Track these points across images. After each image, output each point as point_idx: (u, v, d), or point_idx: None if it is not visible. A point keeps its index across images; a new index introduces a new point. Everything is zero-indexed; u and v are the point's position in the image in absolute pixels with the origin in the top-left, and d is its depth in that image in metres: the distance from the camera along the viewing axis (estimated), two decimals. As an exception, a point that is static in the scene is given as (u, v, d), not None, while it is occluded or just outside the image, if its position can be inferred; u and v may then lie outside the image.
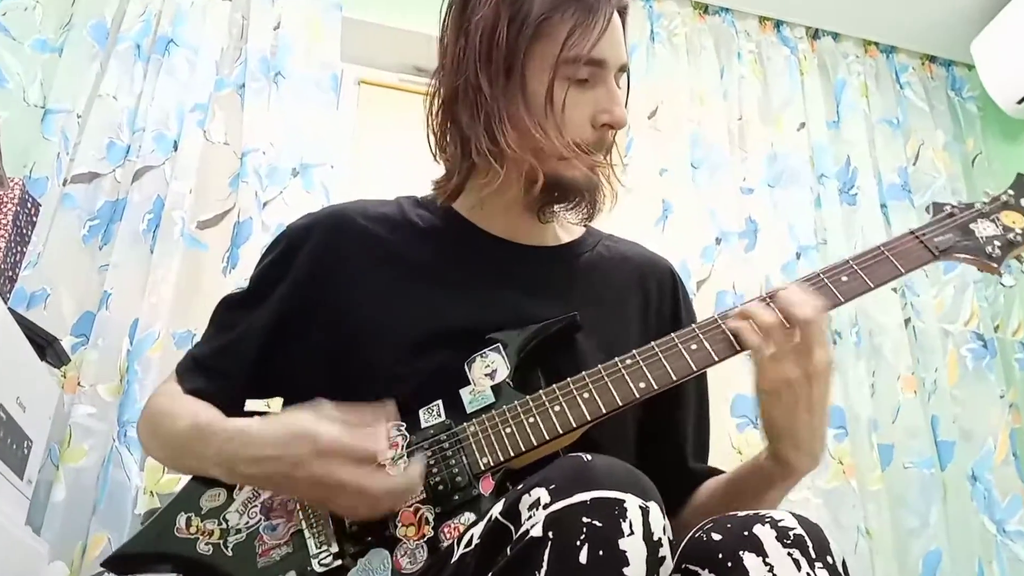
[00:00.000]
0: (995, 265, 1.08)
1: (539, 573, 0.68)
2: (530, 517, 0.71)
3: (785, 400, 0.97)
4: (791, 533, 0.78)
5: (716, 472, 1.19)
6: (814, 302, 0.98)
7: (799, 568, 0.75)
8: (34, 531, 1.58)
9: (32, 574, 1.43)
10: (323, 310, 1.13)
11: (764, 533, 0.78)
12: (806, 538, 0.78)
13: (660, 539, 0.72)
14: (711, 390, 1.27)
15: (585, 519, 0.69)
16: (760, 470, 1.05)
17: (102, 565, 1.02)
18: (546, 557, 0.68)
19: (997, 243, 1.09)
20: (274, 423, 0.97)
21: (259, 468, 0.94)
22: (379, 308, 1.11)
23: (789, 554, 0.76)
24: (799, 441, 1.00)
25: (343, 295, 1.13)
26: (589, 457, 0.76)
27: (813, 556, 0.76)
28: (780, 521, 0.79)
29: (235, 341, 1.15)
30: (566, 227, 1.27)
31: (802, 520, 0.80)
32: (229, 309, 1.21)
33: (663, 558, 0.72)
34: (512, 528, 0.73)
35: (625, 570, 0.68)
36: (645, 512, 0.71)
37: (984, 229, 1.11)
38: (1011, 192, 1.15)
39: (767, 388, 0.98)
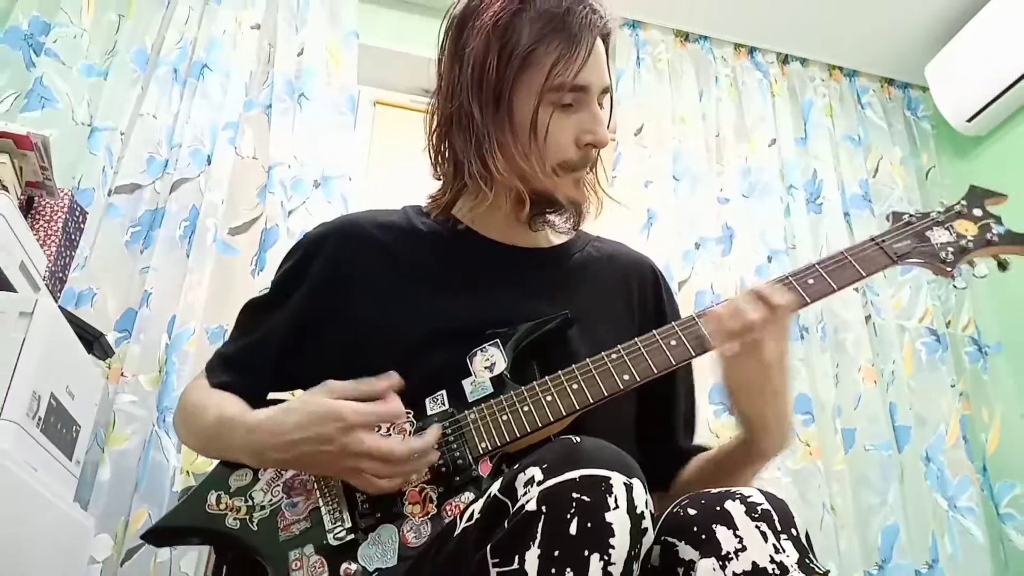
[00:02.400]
0: (949, 269, 1.08)
1: (534, 543, 0.68)
2: (525, 493, 0.71)
3: (749, 392, 0.99)
4: (759, 508, 0.77)
5: (703, 449, 1.19)
6: (773, 301, 0.98)
7: (766, 540, 0.75)
8: (82, 507, 1.59)
9: (80, 546, 1.43)
10: (337, 311, 1.12)
11: (734, 508, 0.78)
12: (772, 513, 0.77)
13: (643, 512, 0.72)
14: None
15: (575, 494, 0.69)
16: (735, 452, 1.06)
17: (141, 538, 1.03)
18: (540, 529, 0.68)
19: (951, 249, 1.09)
20: (294, 410, 0.96)
21: (288, 453, 0.94)
22: (388, 309, 1.11)
23: (757, 527, 0.76)
24: (767, 426, 1.00)
25: (355, 297, 1.13)
26: (578, 439, 0.76)
27: (779, 529, 0.76)
28: (749, 497, 0.79)
29: (258, 340, 1.15)
30: (556, 231, 1.26)
31: (769, 496, 0.80)
32: (252, 312, 1.21)
33: (645, 529, 0.72)
34: (509, 504, 0.73)
35: (611, 540, 0.68)
36: (629, 488, 0.71)
37: (939, 236, 1.10)
38: (964, 202, 1.14)
39: (731, 383, 1.00)
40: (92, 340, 1.59)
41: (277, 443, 0.95)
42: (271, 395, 1.15)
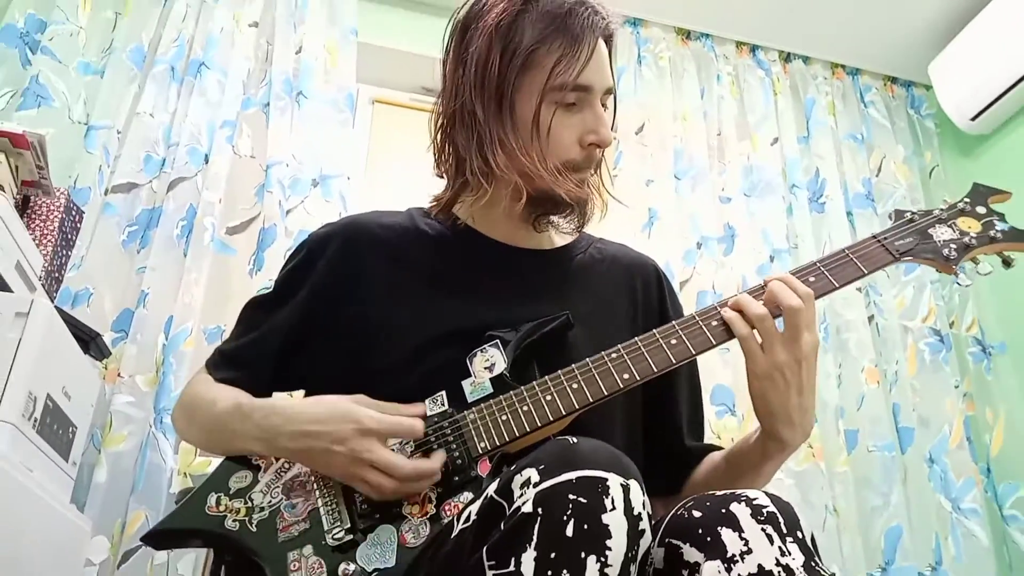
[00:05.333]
0: (951, 266, 1.08)
1: (530, 546, 0.68)
2: (521, 495, 0.71)
3: (778, 384, 0.97)
4: (764, 511, 0.77)
5: (713, 448, 1.18)
6: (802, 289, 0.98)
7: (772, 542, 0.74)
8: (78, 509, 1.59)
9: (77, 548, 1.43)
10: (340, 311, 1.13)
11: (740, 511, 0.77)
12: (778, 515, 0.77)
13: (640, 514, 0.72)
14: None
15: (571, 496, 0.69)
16: (756, 447, 1.04)
17: (142, 540, 1.03)
18: (536, 531, 0.68)
19: (953, 246, 1.08)
20: (318, 403, 0.98)
21: (300, 443, 0.95)
22: (391, 310, 1.11)
23: (763, 529, 0.75)
24: (791, 419, 0.99)
25: (358, 297, 1.13)
26: (575, 440, 0.76)
27: (784, 531, 0.76)
28: (755, 500, 0.79)
29: (260, 337, 1.15)
30: (560, 232, 1.27)
31: (774, 499, 0.80)
32: (254, 309, 1.21)
33: (643, 531, 0.72)
34: (505, 505, 0.73)
35: (608, 542, 0.68)
36: (626, 489, 0.71)
37: (942, 234, 1.10)
38: (967, 200, 1.14)
39: (760, 373, 0.97)
40: (89, 340, 1.59)
41: (292, 430, 0.96)
42: (275, 396, 1.16)
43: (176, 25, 2.33)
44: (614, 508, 0.70)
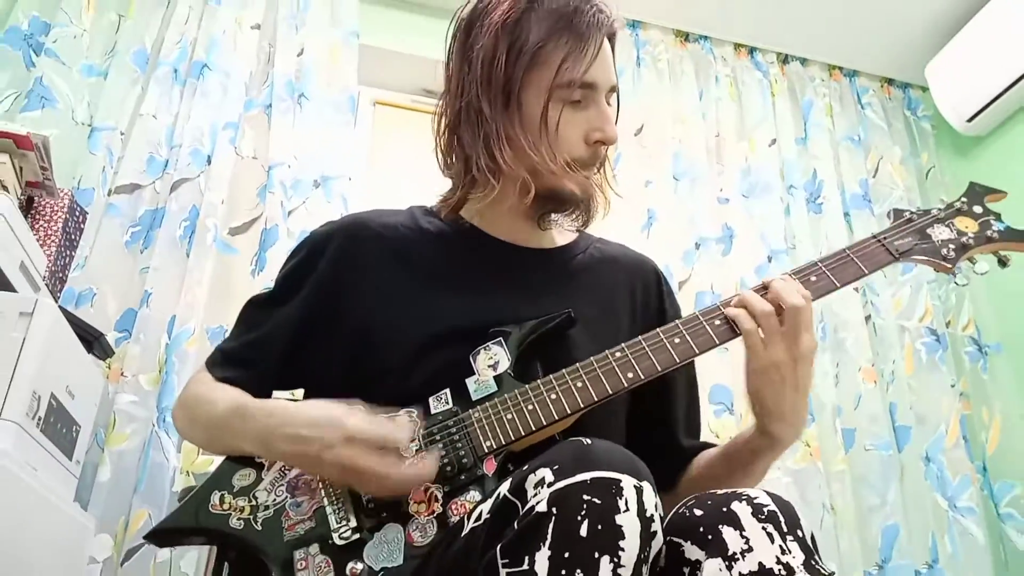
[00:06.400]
0: (949, 266, 1.08)
1: (544, 544, 0.68)
2: (536, 494, 0.71)
3: (774, 380, 0.98)
4: (765, 509, 0.77)
5: (708, 446, 1.18)
6: (803, 291, 0.99)
7: (772, 541, 0.74)
8: (82, 507, 1.58)
9: (80, 546, 1.42)
10: (342, 310, 1.12)
11: (741, 509, 0.77)
12: (779, 514, 0.77)
13: (652, 515, 0.72)
14: (693, 380, 1.27)
15: (585, 496, 0.69)
16: (749, 444, 1.05)
17: (144, 538, 1.02)
18: (550, 530, 0.68)
19: (952, 246, 1.09)
20: (312, 406, 0.97)
21: (293, 446, 0.94)
22: (393, 309, 1.11)
23: (763, 528, 0.75)
24: (785, 416, 1.00)
25: (360, 296, 1.12)
26: (589, 441, 0.76)
27: (785, 530, 0.76)
28: (755, 499, 0.79)
29: (262, 336, 1.15)
30: (561, 231, 1.26)
31: (775, 498, 0.80)
32: (255, 308, 1.20)
33: (655, 532, 0.72)
34: (519, 504, 0.73)
35: (621, 543, 0.68)
36: (639, 491, 0.71)
37: (940, 233, 1.10)
38: (964, 200, 1.14)
39: (758, 368, 0.98)
40: (92, 340, 1.59)
41: (286, 433, 0.95)
42: (275, 395, 1.14)
43: (179, 27, 2.32)
44: (627, 509, 0.69)
